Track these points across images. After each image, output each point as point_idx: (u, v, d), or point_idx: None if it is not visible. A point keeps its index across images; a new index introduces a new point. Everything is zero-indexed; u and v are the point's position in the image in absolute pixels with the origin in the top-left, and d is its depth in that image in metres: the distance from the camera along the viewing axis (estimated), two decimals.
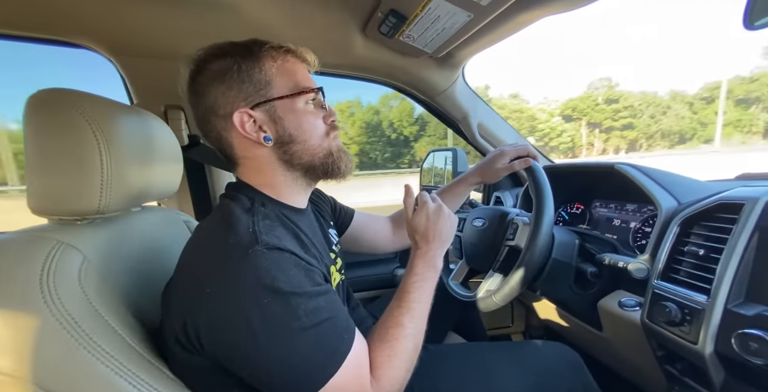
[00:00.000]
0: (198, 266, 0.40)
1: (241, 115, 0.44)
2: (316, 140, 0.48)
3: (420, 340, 0.48)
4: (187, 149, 0.87)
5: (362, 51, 0.89)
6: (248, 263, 0.37)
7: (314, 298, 0.39)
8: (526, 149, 0.71)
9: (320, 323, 0.38)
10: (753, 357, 0.42)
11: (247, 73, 0.44)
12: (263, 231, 0.40)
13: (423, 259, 0.54)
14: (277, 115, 0.46)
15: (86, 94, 0.44)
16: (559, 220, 0.96)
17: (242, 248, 0.38)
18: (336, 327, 0.40)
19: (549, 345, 0.70)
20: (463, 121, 1.11)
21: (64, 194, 0.42)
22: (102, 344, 0.36)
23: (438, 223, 0.54)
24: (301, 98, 0.47)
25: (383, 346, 0.45)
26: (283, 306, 0.36)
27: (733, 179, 0.78)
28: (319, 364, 0.38)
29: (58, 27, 0.74)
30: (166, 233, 0.59)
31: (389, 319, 0.48)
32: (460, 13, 0.70)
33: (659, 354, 0.58)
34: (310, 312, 0.38)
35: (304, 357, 0.37)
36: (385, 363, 0.44)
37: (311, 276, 0.40)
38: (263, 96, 0.45)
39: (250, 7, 0.72)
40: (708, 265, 0.51)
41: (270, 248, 0.38)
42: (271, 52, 0.46)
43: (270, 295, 0.36)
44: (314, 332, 0.38)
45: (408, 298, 0.50)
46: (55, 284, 0.36)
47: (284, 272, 0.38)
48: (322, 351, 0.38)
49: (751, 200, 0.50)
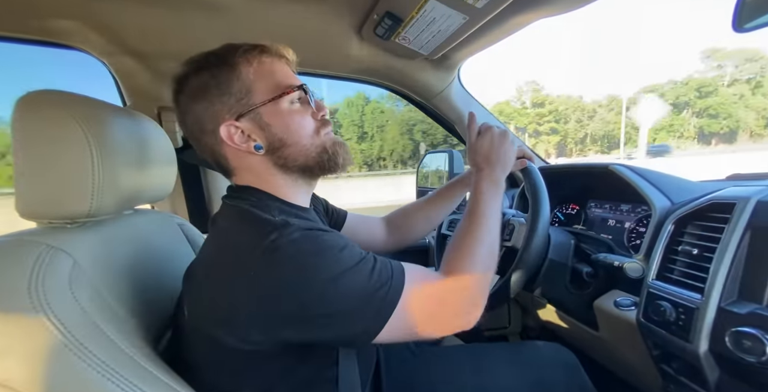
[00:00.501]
0: (233, 257, 0.39)
1: (227, 128, 0.44)
2: (308, 140, 0.47)
3: (494, 250, 0.49)
4: (182, 151, 0.86)
5: (358, 53, 0.90)
6: (286, 241, 0.37)
7: (354, 247, 0.41)
8: (521, 150, 0.71)
9: (367, 254, 0.41)
10: (746, 355, 0.43)
11: (225, 85, 0.44)
12: (289, 217, 0.41)
13: (487, 179, 0.55)
14: (264, 121, 0.45)
15: (77, 96, 0.44)
16: (555, 221, 0.96)
17: (277, 231, 0.38)
18: (382, 260, 0.42)
19: (546, 346, 0.71)
20: (458, 122, 1.12)
21: (54, 197, 0.41)
22: (94, 350, 0.35)
23: (503, 146, 0.57)
24: (284, 100, 0.46)
25: (456, 254, 0.47)
26: (330, 257, 0.38)
27: (724, 179, 0.79)
28: (386, 280, 0.39)
29: (49, 28, 0.73)
30: (159, 236, 0.58)
31: (459, 233, 0.50)
32: (456, 16, 0.71)
33: (654, 353, 0.59)
34: (355, 252, 0.40)
35: (370, 284, 0.38)
36: (461, 265, 0.45)
37: (344, 237, 0.42)
38: (246, 105, 0.44)
39: (244, 9, 0.71)
40: (702, 264, 0.52)
41: (303, 229, 0.39)
42: (246, 56, 0.45)
43: (315, 256, 0.37)
44: (366, 262, 0.40)
45: (477, 212, 0.51)
46: (45, 289, 0.35)
47: (321, 239, 0.39)
48: (384, 270, 0.40)
49: (742, 199, 0.51)
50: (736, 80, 27.90)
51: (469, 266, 0.45)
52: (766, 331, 0.42)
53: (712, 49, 28.98)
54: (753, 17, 0.44)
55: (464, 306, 0.44)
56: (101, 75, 0.85)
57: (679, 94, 28.38)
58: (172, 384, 0.39)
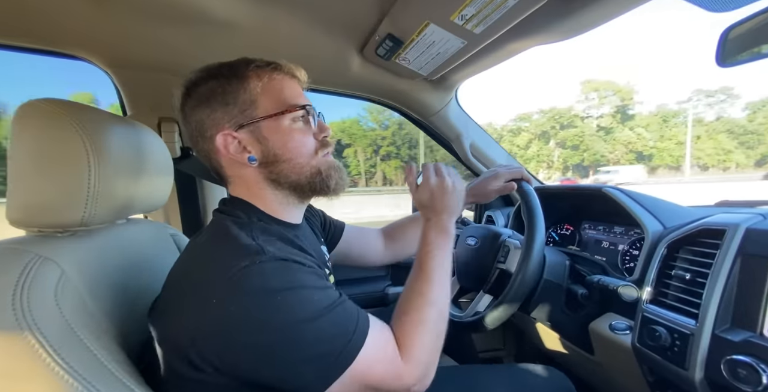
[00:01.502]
0: (199, 278, 0.38)
1: (224, 137, 0.45)
2: (304, 159, 0.47)
3: (444, 308, 0.47)
4: (179, 162, 0.87)
5: (359, 71, 0.92)
6: (256, 270, 0.37)
7: (325, 290, 0.39)
8: (520, 171, 0.72)
9: (335, 305, 0.39)
10: (743, 385, 0.42)
11: (231, 95, 0.45)
12: (266, 244, 0.40)
13: (434, 228, 0.53)
14: (262, 135, 0.45)
15: (79, 105, 0.44)
16: (550, 241, 0.97)
17: (249, 257, 0.37)
18: (350, 310, 0.40)
19: (540, 369, 0.69)
20: (455, 140, 1.14)
21: (47, 205, 0.41)
22: (76, 366, 0.34)
23: (442, 197, 0.55)
24: (286, 117, 0.46)
25: (406, 319, 0.45)
26: (295, 298, 0.37)
27: (713, 205, 0.81)
28: (342, 343, 0.37)
29: (56, 39, 0.74)
30: (151, 247, 0.58)
31: (408, 291, 0.48)
32: (454, 40, 0.73)
33: (650, 380, 0.58)
34: (323, 298, 0.38)
35: (326, 340, 0.37)
36: (412, 334, 0.43)
37: (320, 276, 0.41)
38: (248, 117, 0.45)
39: (250, 26, 0.74)
40: (695, 289, 0.52)
41: (277, 259, 0.38)
42: (257, 71, 0.46)
43: (281, 292, 0.36)
44: (332, 314, 0.38)
45: (425, 267, 0.49)
46: (29, 300, 0.34)
47: (293, 273, 0.38)
48: (343, 330, 0.38)
49: (732, 226, 0.51)
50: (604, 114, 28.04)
51: (421, 338, 0.43)
52: (760, 360, 0.42)
53: (585, 81, 29.11)
54: (735, 53, 0.47)
55: (415, 380, 0.42)
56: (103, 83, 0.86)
57: (542, 124, 28.37)
58: None
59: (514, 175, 0.72)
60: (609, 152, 27.30)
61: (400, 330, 0.44)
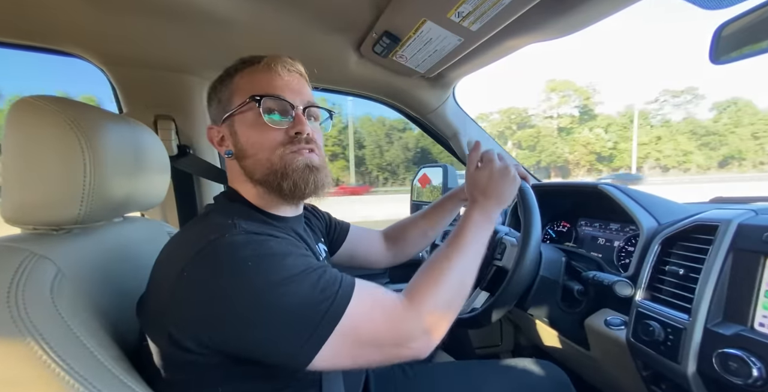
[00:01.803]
0: (172, 256, 0.39)
1: (209, 131, 0.50)
2: (265, 154, 0.45)
3: (469, 280, 0.45)
4: (176, 159, 0.86)
5: (356, 68, 0.92)
6: (226, 241, 0.36)
7: (301, 256, 0.38)
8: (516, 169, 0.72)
9: (312, 269, 0.37)
10: (733, 377, 0.43)
11: (219, 91, 0.48)
12: (240, 221, 0.39)
13: (480, 211, 0.52)
14: (234, 129, 0.47)
15: (74, 102, 0.44)
16: (546, 237, 0.97)
17: (220, 231, 0.37)
18: (331, 273, 0.38)
19: (537, 364, 0.70)
20: (453, 138, 1.14)
21: (42, 202, 0.40)
22: (73, 363, 0.34)
23: (500, 183, 0.53)
24: (252, 110, 0.45)
25: (423, 275, 0.43)
26: (268, 262, 0.35)
27: (707, 202, 0.82)
28: (325, 305, 0.35)
29: (50, 36, 0.74)
30: (148, 245, 0.57)
31: (437, 254, 0.46)
32: (451, 37, 0.73)
33: (645, 374, 0.58)
34: (299, 263, 0.37)
35: (306, 303, 0.35)
36: (424, 288, 0.41)
37: (297, 246, 0.40)
38: (226, 111, 0.47)
39: (245, 22, 0.73)
40: (688, 284, 0.53)
41: (248, 232, 0.37)
42: (242, 67, 0.48)
43: (252, 258, 0.35)
44: (310, 277, 0.36)
45: (460, 239, 0.47)
46: (25, 298, 0.34)
47: (265, 243, 0.37)
48: (324, 292, 0.36)
49: (724, 222, 0.52)
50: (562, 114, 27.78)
51: (434, 294, 0.41)
52: (751, 353, 0.42)
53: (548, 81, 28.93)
54: (728, 51, 0.47)
55: (416, 335, 0.38)
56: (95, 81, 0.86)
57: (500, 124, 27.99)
58: None
59: None
60: (569, 152, 27.04)
61: (414, 283, 0.42)
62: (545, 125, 27.86)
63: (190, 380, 0.39)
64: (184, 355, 0.37)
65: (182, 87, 0.88)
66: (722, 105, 28.08)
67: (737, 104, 27.69)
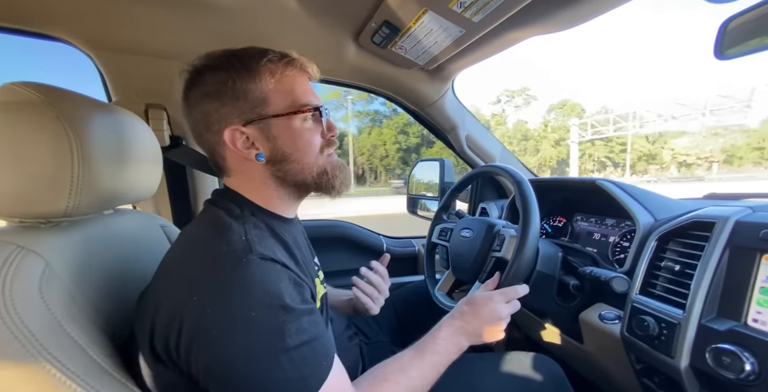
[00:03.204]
0: (186, 272, 0.38)
1: (232, 132, 0.43)
2: (311, 158, 0.47)
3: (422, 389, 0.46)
4: (168, 150, 0.84)
5: (355, 59, 0.90)
6: (241, 272, 0.36)
7: (301, 317, 0.38)
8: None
9: (302, 344, 0.37)
10: (726, 372, 0.44)
11: (242, 90, 0.43)
12: (256, 241, 0.40)
13: (456, 334, 0.52)
14: (272, 133, 0.44)
15: (59, 90, 0.42)
16: (542, 233, 0.98)
17: (236, 256, 0.37)
18: (316, 351, 0.39)
19: (531, 357, 0.71)
20: (451, 132, 1.13)
21: (28, 195, 0.39)
22: (63, 359, 0.33)
23: (492, 321, 0.53)
24: (298, 117, 0.45)
25: (384, 381, 0.44)
26: (270, 322, 0.36)
27: (702, 198, 0.83)
28: (295, 388, 0.36)
29: (31, 18, 0.70)
30: (140, 238, 0.56)
31: (397, 363, 0.47)
32: (452, 28, 0.72)
33: (638, 368, 0.59)
34: (295, 332, 0.37)
35: (282, 378, 0.36)
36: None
37: (301, 292, 0.40)
38: (258, 114, 0.44)
39: (241, 9, 0.71)
40: (683, 280, 0.53)
41: (264, 259, 0.38)
42: (269, 65, 0.44)
43: (259, 308, 0.35)
44: (295, 353, 0.36)
45: (424, 356, 0.49)
46: (12, 293, 0.33)
47: (276, 284, 0.37)
48: (300, 374, 0.36)
49: (721, 219, 0.52)
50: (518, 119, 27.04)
51: None
52: (744, 348, 0.43)
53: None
54: (733, 45, 0.47)
55: None
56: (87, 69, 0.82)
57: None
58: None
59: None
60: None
61: (371, 383, 0.43)
62: None
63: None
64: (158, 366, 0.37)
65: (174, 75, 0.85)
66: (555, 106, 27.02)
67: (565, 106, 26.49)
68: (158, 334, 0.36)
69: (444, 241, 0.85)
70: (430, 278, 0.85)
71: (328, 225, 1.22)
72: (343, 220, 1.28)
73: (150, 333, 0.37)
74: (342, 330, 0.66)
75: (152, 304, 0.39)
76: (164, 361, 0.37)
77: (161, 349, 0.36)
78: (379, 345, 0.77)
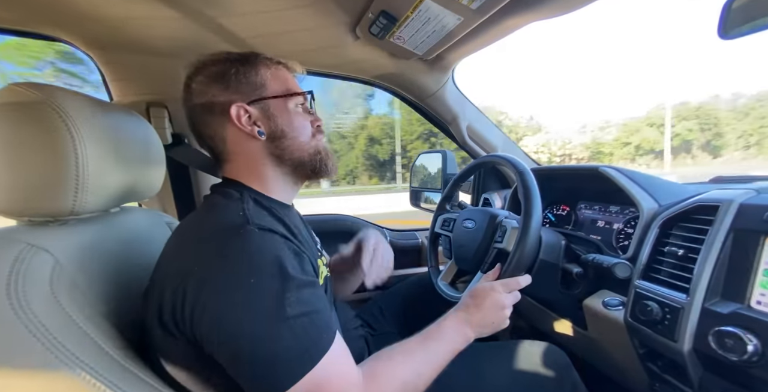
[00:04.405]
0: (188, 247, 0.40)
1: (238, 108, 0.48)
2: (305, 138, 0.52)
3: (427, 376, 0.47)
4: (171, 148, 0.85)
5: (352, 51, 0.89)
6: (240, 241, 0.38)
7: (301, 288, 0.39)
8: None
9: (302, 315, 0.38)
10: (729, 354, 0.44)
11: (244, 75, 0.49)
12: (254, 215, 0.42)
13: (462, 324, 0.53)
14: (271, 112, 0.49)
15: (62, 89, 0.42)
16: (546, 221, 0.98)
17: (233, 227, 0.39)
18: (317, 324, 0.39)
19: (536, 345, 0.71)
20: (452, 123, 1.12)
21: (35, 194, 0.40)
22: (76, 352, 0.34)
23: (497, 314, 0.54)
24: (292, 100, 0.51)
25: (388, 367, 0.45)
26: (270, 289, 0.37)
27: (707, 182, 0.82)
28: (296, 356, 0.37)
29: (31, 18, 0.70)
30: (146, 235, 0.57)
31: (403, 348, 0.48)
32: (450, 16, 0.71)
33: (641, 352, 0.60)
34: (295, 302, 0.37)
35: (282, 347, 0.36)
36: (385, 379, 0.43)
37: (301, 263, 0.41)
38: (258, 95, 0.49)
39: (238, 3, 0.70)
40: (687, 265, 0.53)
41: (262, 229, 0.39)
42: (265, 61, 0.51)
43: (258, 275, 0.37)
44: (295, 323, 0.37)
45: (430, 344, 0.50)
46: (24, 289, 0.34)
47: (274, 252, 0.38)
48: (300, 344, 0.37)
49: (726, 202, 0.52)
50: None
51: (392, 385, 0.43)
52: (747, 330, 0.43)
53: None
54: (737, 25, 0.46)
55: None
56: None
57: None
58: (155, 384, 0.39)
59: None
60: None
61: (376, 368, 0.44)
62: None
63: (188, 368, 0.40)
64: (174, 340, 0.38)
65: (174, 73, 0.85)
66: None
67: None
68: (166, 306, 0.38)
69: (447, 231, 0.86)
70: (433, 268, 0.86)
71: (330, 219, 1.23)
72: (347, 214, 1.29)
73: (158, 308, 0.38)
74: (347, 321, 0.68)
75: (158, 283, 0.40)
76: (173, 333, 0.38)
77: (168, 319, 0.38)
78: (384, 337, 0.78)
